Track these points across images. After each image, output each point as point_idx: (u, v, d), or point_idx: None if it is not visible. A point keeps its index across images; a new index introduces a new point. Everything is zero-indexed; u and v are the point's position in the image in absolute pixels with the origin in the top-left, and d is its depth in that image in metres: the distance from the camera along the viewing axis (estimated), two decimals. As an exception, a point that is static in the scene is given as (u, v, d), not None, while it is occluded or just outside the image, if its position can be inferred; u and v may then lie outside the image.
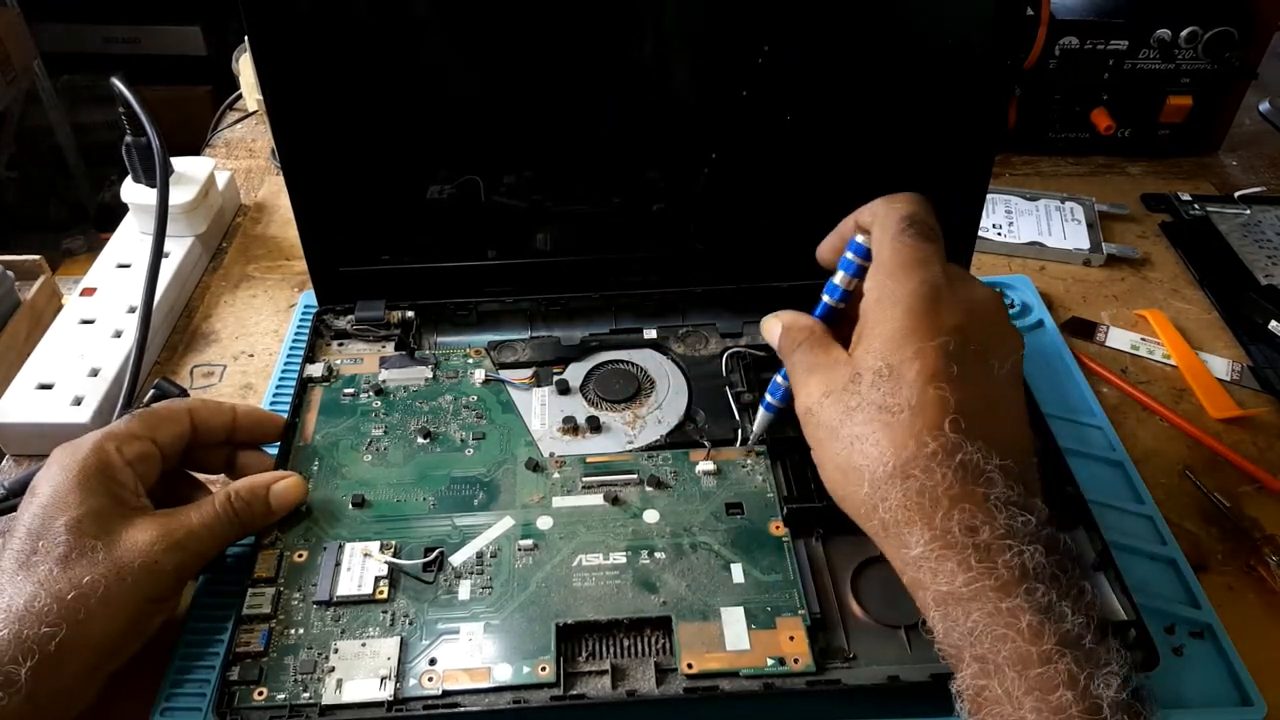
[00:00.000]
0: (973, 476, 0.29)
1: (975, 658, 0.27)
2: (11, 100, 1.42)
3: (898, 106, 0.44)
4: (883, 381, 0.31)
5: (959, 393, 0.30)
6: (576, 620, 0.34)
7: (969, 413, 0.30)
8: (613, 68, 0.43)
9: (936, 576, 0.28)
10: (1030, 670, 0.26)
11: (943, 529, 0.29)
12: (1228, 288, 0.56)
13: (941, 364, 0.30)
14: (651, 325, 0.48)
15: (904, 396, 0.30)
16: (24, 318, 0.54)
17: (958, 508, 0.29)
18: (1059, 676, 0.26)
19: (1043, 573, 0.28)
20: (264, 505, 0.37)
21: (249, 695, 0.32)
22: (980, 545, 0.28)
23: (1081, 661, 0.26)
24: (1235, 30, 0.62)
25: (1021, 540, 0.28)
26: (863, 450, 0.30)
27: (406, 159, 0.45)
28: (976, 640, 0.27)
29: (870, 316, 0.32)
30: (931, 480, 0.29)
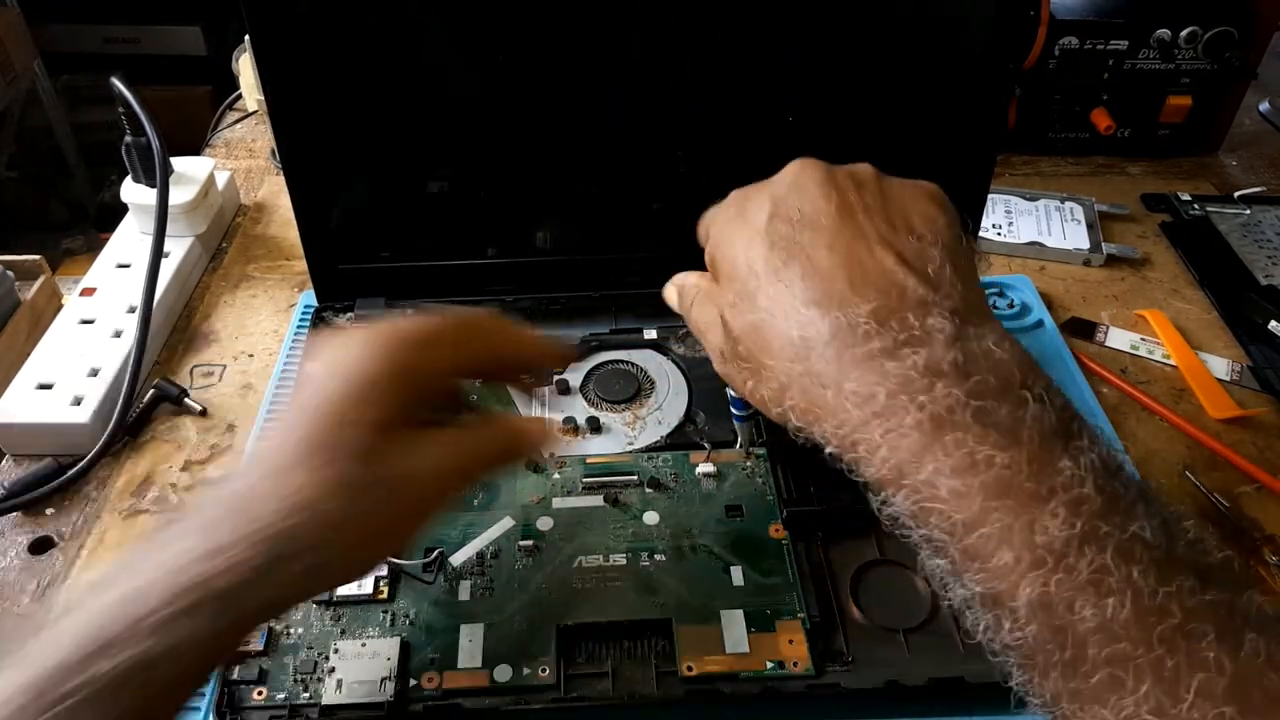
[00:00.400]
0: (846, 340, 0.26)
1: (923, 540, 0.25)
2: (11, 100, 1.42)
3: (898, 106, 0.44)
4: (738, 309, 0.29)
5: (800, 267, 0.28)
6: (577, 622, 0.34)
7: (818, 280, 0.27)
8: (613, 67, 0.43)
9: (859, 463, 0.26)
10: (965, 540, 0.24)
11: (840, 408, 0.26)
12: (1228, 288, 0.56)
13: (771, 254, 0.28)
14: (651, 325, 0.48)
15: (760, 306, 0.28)
16: (24, 318, 0.54)
17: (846, 381, 0.26)
18: (994, 538, 0.23)
19: (960, 411, 0.24)
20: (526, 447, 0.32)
21: (249, 695, 0.32)
22: (881, 412, 0.25)
23: (1018, 510, 0.23)
24: (1235, 30, 0.62)
25: (924, 381, 0.25)
26: (759, 380, 0.29)
27: (406, 157, 0.45)
28: (915, 522, 0.25)
29: (709, 261, 0.32)
30: (809, 366, 0.27)
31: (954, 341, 0.26)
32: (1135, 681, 0.21)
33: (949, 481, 0.24)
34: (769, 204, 0.30)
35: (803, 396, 0.27)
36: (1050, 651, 0.23)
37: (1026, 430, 0.24)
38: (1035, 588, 0.23)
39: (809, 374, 0.27)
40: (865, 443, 0.26)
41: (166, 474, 0.44)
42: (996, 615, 0.24)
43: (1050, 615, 0.22)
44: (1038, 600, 0.23)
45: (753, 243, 0.29)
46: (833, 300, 0.27)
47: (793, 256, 0.28)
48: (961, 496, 0.24)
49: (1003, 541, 0.23)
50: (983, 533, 0.23)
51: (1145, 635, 0.22)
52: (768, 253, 0.29)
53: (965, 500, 0.24)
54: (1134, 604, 0.22)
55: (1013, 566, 0.23)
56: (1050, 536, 0.23)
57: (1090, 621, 0.22)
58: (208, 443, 0.46)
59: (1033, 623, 0.23)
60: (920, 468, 0.24)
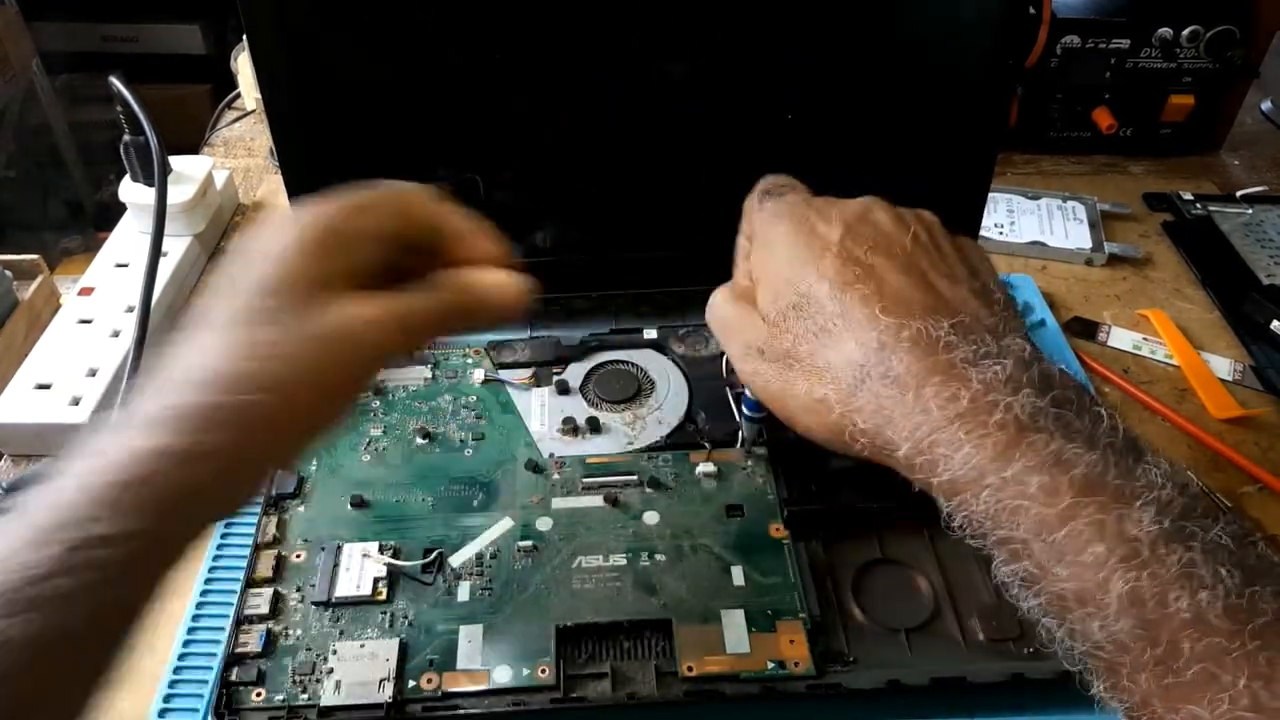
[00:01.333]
0: (927, 348, 0.27)
1: (1000, 542, 0.25)
2: (9, 99, 1.42)
3: (899, 106, 0.44)
4: (803, 313, 0.30)
5: (875, 283, 0.29)
6: (576, 622, 0.34)
7: (895, 296, 0.28)
8: (612, 67, 0.43)
9: (935, 466, 0.26)
10: (1053, 535, 0.24)
11: (920, 409, 0.26)
12: (1230, 287, 0.56)
13: (844, 269, 0.29)
14: (651, 325, 0.48)
15: (829, 312, 0.29)
16: (22, 317, 0.54)
17: (927, 385, 0.26)
18: (1085, 532, 0.23)
19: (1043, 418, 0.25)
20: (501, 300, 0.31)
21: (248, 696, 0.32)
22: (964, 414, 0.26)
23: (1107, 505, 0.24)
24: (1237, 29, 0.62)
25: (1006, 389, 0.26)
26: (818, 378, 0.29)
27: (406, 158, 0.45)
28: (995, 523, 0.25)
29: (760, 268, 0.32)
30: (889, 369, 0.27)
31: (1031, 360, 0.27)
32: (1232, 676, 0.21)
33: (1039, 477, 0.24)
34: (841, 224, 0.31)
35: (874, 398, 0.27)
36: (1142, 648, 0.23)
37: (1105, 439, 0.25)
38: (1127, 582, 0.23)
39: (886, 376, 0.27)
40: (946, 442, 0.26)
41: (165, 474, 0.44)
42: (1085, 614, 0.23)
43: (1142, 610, 0.23)
44: (1129, 595, 0.23)
45: (824, 256, 0.30)
46: (913, 314, 0.28)
47: (868, 274, 0.29)
48: (1051, 493, 0.24)
49: (1094, 536, 0.23)
50: (1074, 526, 0.24)
51: (1238, 630, 0.22)
52: (841, 266, 0.29)
53: (1056, 496, 0.24)
54: (1225, 600, 0.22)
55: (1104, 560, 0.23)
56: (1141, 531, 0.23)
57: (1185, 614, 0.22)
58: (206, 442, 0.45)
59: (1124, 618, 0.23)
60: (1008, 465, 0.25)
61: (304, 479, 0.40)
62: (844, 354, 0.28)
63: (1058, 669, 0.33)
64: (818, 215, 0.31)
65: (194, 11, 1.53)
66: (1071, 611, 0.24)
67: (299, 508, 0.39)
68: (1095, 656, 0.24)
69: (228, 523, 0.39)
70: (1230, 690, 0.21)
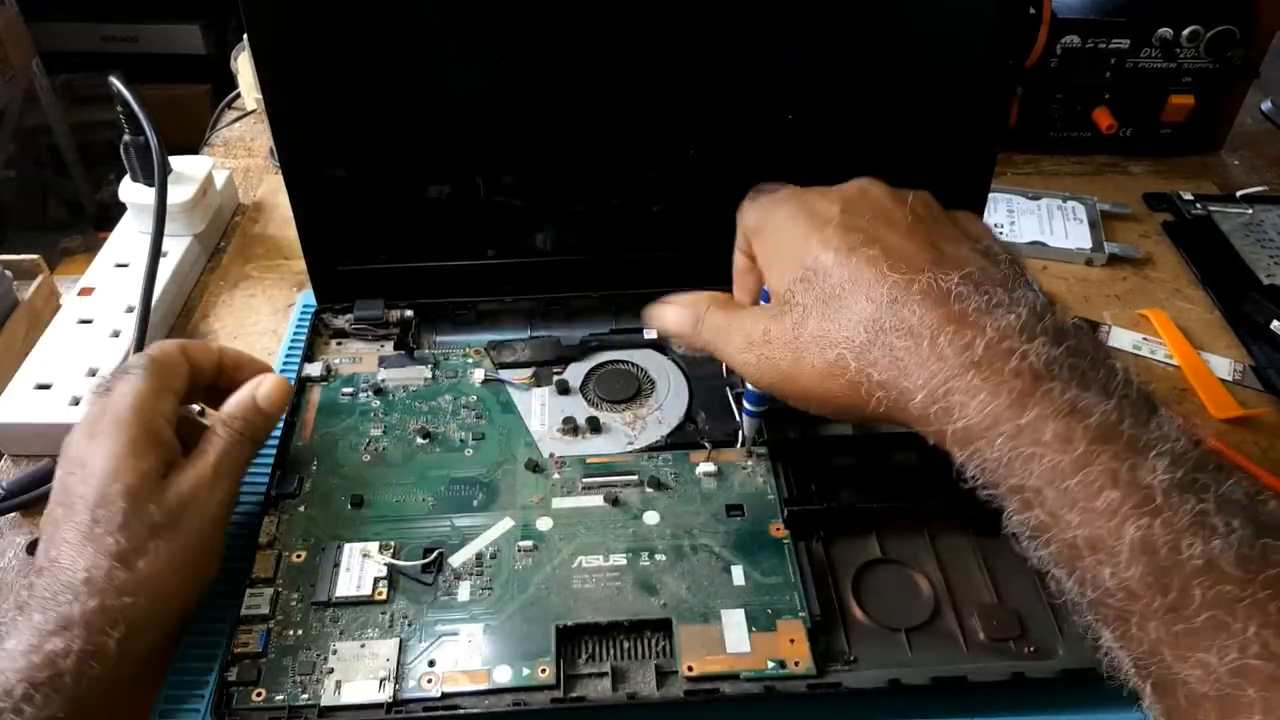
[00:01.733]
0: (939, 299, 0.27)
1: (1012, 490, 0.25)
2: (9, 99, 1.42)
3: (899, 106, 0.44)
4: (811, 284, 0.30)
5: (880, 246, 0.29)
6: (576, 622, 0.34)
7: (900, 255, 0.29)
8: (612, 68, 0.43)
9: (950, 414, 0.26)
10: (1066, 482, 0.24)
11: (935, 358, 0.26)
12: (1230, 287, 0.56)
13: (848, 236, 0.30)
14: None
15: (836, 279, 0.29)
16: (22, 317, 0.54)
17: (941, 334, 0.26)
18: (1100, 479, 0.23)
19: (1057, 367, 0.25)
20: (260, 415, 0.38)
21: (248, 696, 0.32)
22: (979, 362, 0.26)
23: (1121, 454, 0.24)
24: (1237, 29, 0.62)
25: (1021, 337, 0.26)
26: (829, 342, 0.29)
27: (406, 158, 0.45)
28: (1008, 471, 0.25)
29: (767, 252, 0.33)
30: (902, 320, 0.27)
31: (1044, 311, 0.27)
32: (1242, 624, 0.21)
33: (1054, 425, 0.24)
34: (839, 200, 0.31)
35: (888, 351, 0.27)
36: (1153, 596, 0.23)
37: (1119, 390, 0.25)
38: (1140, 529, 0.23)
39: (899, 328, 0.27)
40: (962, 389, 0.26)
41: (165, 474, 0.44)
42: (1096, 561, 0.23)
43: (1154, 557, 0.23)
44: (1141, 541, 0.23)
45: (825, 227, 0.30)
46: (922, 269, 0.28)
47: (872, 239, 0.30)
48: (1066, 440, 0.24)
49: (1108, 483, 0.23)
50: (1087, 473, 0.24)
51: (1250, 578, 0.22)
52: (844, 234, 0.30)
53: (1070, 444, 0.24)
54: (1237, 549, 0.22)
55: (1118, 507, 0.23)
56: (1155, 480, 0.23)
57: (1196, 561, 0.22)
58: (206, 442, 0.45)
59: (1135, 565, 0.23)
60: (1023, 412, 0.25)
61: (304, 479, 0.40)
62: (856, 312, 0.28)
63: (1058, 668, 0.33)
64: (817, 196, 0.32)
65: (194, 11, 1.53)
66: (1082, 559, 0.24)
67: (299, 507, 0.39)
68: (1105, 605, 0.24)
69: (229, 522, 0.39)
70: (1240, 638, 0.21)
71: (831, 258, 0.30)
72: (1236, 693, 0.21)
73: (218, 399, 0.39)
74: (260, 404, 0.38)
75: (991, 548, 0.37)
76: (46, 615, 0.30)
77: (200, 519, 0.34)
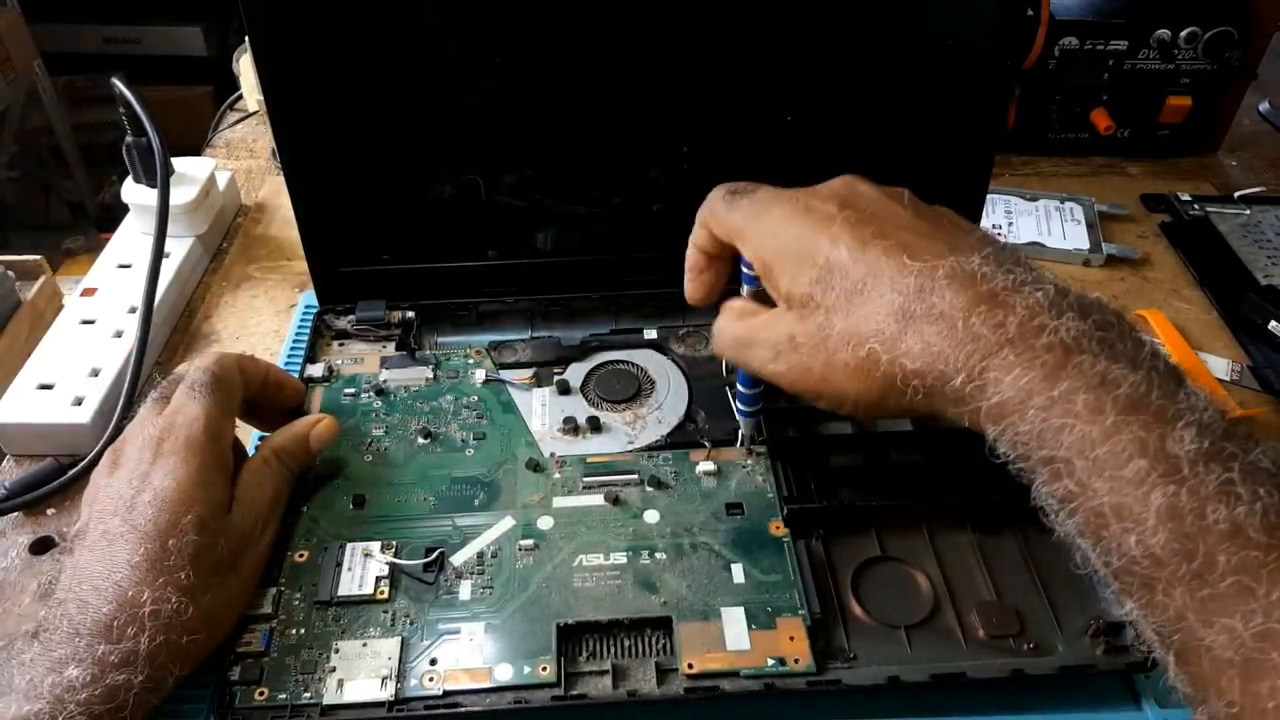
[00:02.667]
0: (965, 282, 0.27)
1: (1043, 461, 0.26)
2: (12, 100, 1.42)
3: (898, 107, 0.44)
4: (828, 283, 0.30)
5: (893, 237, 0.29)
6: (577, 620, 0.34)
7: (914, 246, 0.29)
8: (612, 68, 0.43)
9: (985, 391, 0.26)
10: (1096, 451, 0.24)
11: (970, 339, 0.27)
12: (1227, 288, 0.56)
13: (858, 230, 0.30)
14: (652, 325, 0.48)
15: (856, 274, 0.29)
16: (25, 318, 0.54)
17: (973, 315, 0.27)
18: (1128, 448, 0.24)
19: (1087, 340, 0.26)
20: (305, 452, 0.38)
21: (250, 695, 0.32)
22: (1013, 339, 0.26)
23: (1150, 424, 0.24)
24: (1235, 30, 0.62)
25: (1050, 313, 0.26)
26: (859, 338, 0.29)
27: (407, 159, 0.45)
28: (1039, 442, 0.25)
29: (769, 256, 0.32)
30: (932, 306, 0.27)
31: (1066, 288, 0.28)
32: (1266, 589, 0.22)
33: (1085, 396, 0.25)
34: (834, 199, 0.31)
35: (921, 338, 0.28)
36: (1178, 562, 0.23)
37: (1148, 363, 0.26)
38: (1166, 496, 0.23)
39: (930, 314, 0.28)
40: (997, 366, 0.26)
41: (167, 473, 0.44)
42: (1122, 528, 0.24)
43: (1180, 523, 0.23)
44: (1167, 508, 0.23)
45: (830, 224, 0.30)
46: (940, 254, 0.28)
47: (883, 231, 0.30)
48: (1096, 411, 0.25)
49: (1136, 452, 0.24)
50: (1116, 442, 0.24)
51: (1275, 543, 0.22)
52: (852, 228, 0.30)
53: (1100, 414, 0.25)
54: (1263, 516, 0.22)
55: (1145, 475, 0.24)
56: (1182, 449, 0.24)
57: (1222, 526, 0.22)
58: (208, 442, 0.46)
59: (1161, 531, 0.23)
60: (1055, 385, 0.25)
61: (305, 479, 0.40)
62: (883, 305, 0.28)
63: (1057, 665, 0.33)
64: (806, 194, 0.32)
65: (196, 13, 1.53)
66: (1109, 527, 0.24)
67: (301, 507, 0.39)
68: (1130, 572, 0.24)
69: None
70: (1264, 602, 0.22)
71: (846, 254, 0.29)
72: (1261, 657, 0.21)
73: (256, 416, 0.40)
74: (312, 443, 0.38)
75: (991, 545, 0.37)
76: (111, 647, 0.29)
77: (255, 556, 0.35)
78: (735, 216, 0.33)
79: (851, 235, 0.30)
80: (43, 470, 0.43)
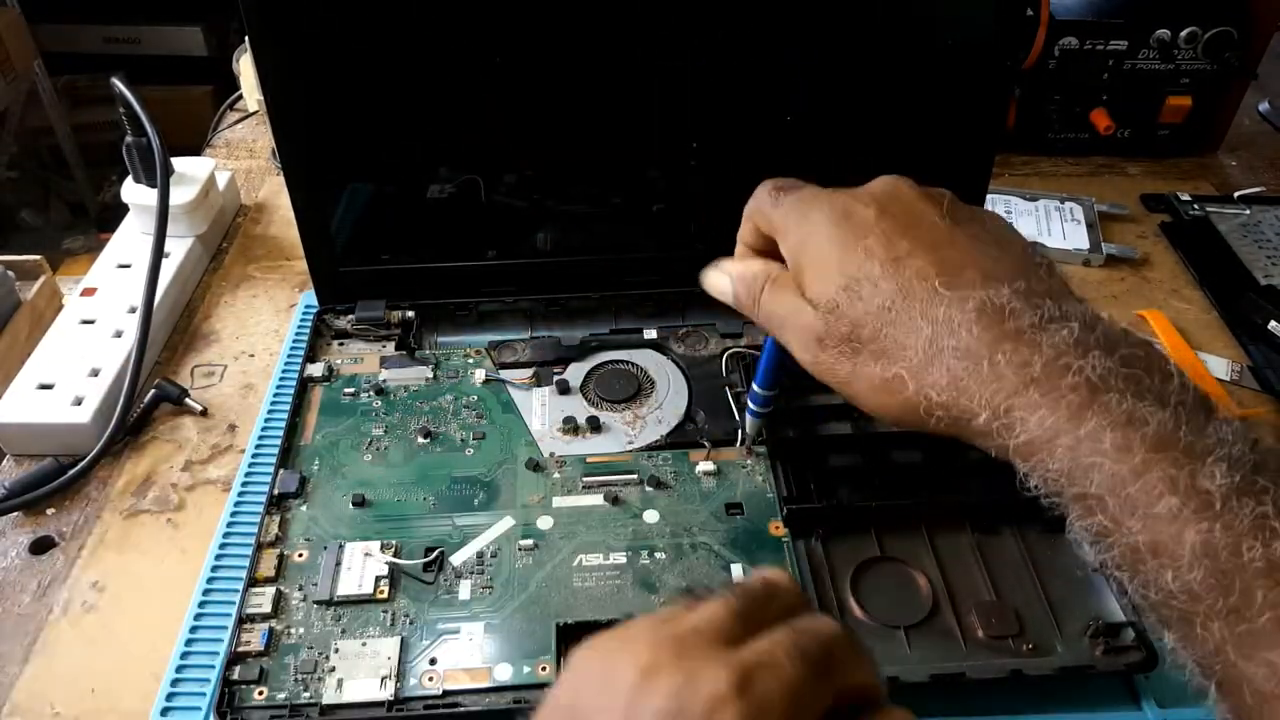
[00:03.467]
0: (994, 317, 0.27)
1: (1075, 498, 0.25)
2: (12, 100, 1.42)
3: (898, 106, 0.44)
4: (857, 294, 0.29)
5: (928, 257, 0.29)
6: (577, 620, 0.34)
7: (948, 268, 0.28)
8: (612, 69, 0.43)
9: (1012, 429, 0.26)
10: (1127, 490, 0.24)
11: (995, 378, 0.27)
12: (1227, 288, 0.56)
13: (892, 245, 0.29)
14: (651, 325, 0.48)
15: (886, 291, 0.29)
16: (24, 318, 0.54)
17: (999, 353, 0.27)
18: (1159, 486, 0.24)
19: (1113, 378, 0.26)
20: None
21: (249, 695, 0.32)
22: (1038, 378, 0.26)
23: (1179, 461, 0.24)
24: (1234, 30, 0.62)
25: (1076, 352, 0.26)
26: (887, 358, 0.29)
27: (406, 159, 0.45)
28: (1069, 480, 0.25)
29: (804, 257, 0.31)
30: (959, 341, 0.27)
31: (1095, 322, 0.27)
32: None
33: (1112, 435, 0.25)
34: (874, 204, 0.31)
35: (947, 372, 0.27)
36: (1215, 598, 0.23)
37: (1175, 397, 0.25)
38: (1200, 533, 0.23)
39: (958, 350, 0.27)
40: (1022, 406, 0.26)
41: (167, 474, 0.44)
42: (1158, 565, 0.24)
43: (1215, 560, 0.23)
44: (1202, 545, 0.23)
45: (867, 235, 0.30)
46: (973, 284, 0.28)
47: (916, 247, 0.29)
48: (1124, 450, 0.25)
49: (1167, 489, 0.24)
50: (1147, 481, 0.24)
51: None
52: (887, 243, 0.29)
53: (1128, 453, 0.24)
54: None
55: (1177, 512, 0.24)
56: (1214, 484, 0.23)
57: (1258, 563, 0.22)
58: (208, 443, 0.46)
59: (1197, 568, 0.23)
60: (1082, 424, 0.25)
61: (306, 478, 0.40)
62: (911, 331, 0.28)
63: (1056, 666, 0.33)
64: (849, 197, 0.31)
65: (196, 13, 1.53)
66: (1145, 563, 0.24)
67: (301, 507, 0.39)
68: (1168, 606, 0.24)
69: (230, 522, 0.39)
70: None
71: (879, 269, 0.29)
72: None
73: None
74: None
75: (990, 546, 0.37)
76: None
77: None
78: (778, 214, 0.33)
79: (885, 249, 0.29)
80: (43, 470, 0.43)
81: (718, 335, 0.47)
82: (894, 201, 0.31)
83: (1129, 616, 0.34)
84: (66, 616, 0.38)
